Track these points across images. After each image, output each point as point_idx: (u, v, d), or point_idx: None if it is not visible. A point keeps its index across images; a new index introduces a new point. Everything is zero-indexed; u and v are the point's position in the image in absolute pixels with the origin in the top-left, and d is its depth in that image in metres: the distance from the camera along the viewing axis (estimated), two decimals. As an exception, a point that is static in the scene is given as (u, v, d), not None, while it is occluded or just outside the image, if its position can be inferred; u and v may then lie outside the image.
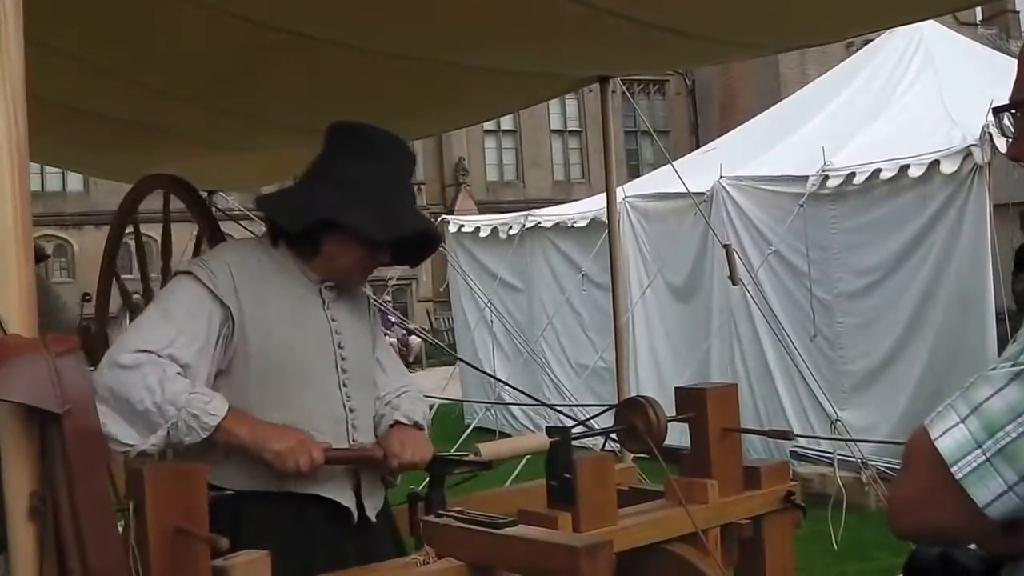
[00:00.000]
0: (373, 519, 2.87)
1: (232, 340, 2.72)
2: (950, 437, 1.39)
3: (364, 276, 2.97)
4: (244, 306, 2.73)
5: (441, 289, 21.11)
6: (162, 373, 2.57)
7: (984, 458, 1.36)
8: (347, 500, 2.81)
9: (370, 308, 3.12)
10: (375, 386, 3.00)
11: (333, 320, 2.88)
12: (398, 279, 26.63)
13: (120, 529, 2.06)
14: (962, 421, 1.39)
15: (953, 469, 1.38)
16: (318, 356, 2.83)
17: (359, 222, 2.77)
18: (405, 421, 2.91)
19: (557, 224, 11.45)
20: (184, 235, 5.49)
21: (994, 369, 1.41)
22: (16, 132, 1.71)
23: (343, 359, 2.86)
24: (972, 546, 1.65)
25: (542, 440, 2.66)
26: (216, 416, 2.57)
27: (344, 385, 2.85)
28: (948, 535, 1.51)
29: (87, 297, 5.17)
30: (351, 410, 2.85)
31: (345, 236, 2.80)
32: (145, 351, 2.59)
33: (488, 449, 2.84)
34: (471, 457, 2.85)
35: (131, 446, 2.53)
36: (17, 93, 1.71)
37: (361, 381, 2.91)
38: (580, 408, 8.10)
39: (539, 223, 11.73)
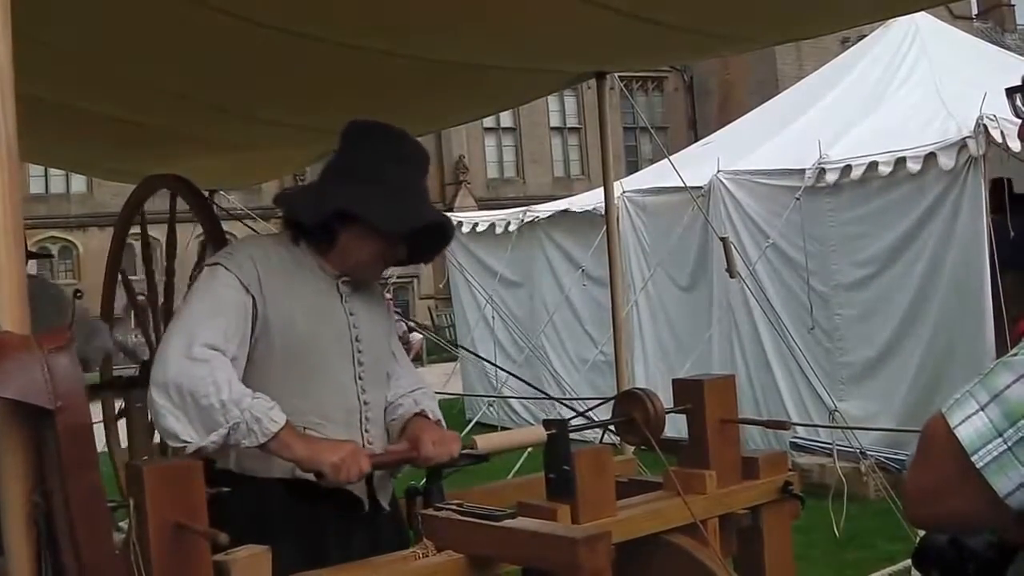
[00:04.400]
0: (387, 508, 2.93)
1: (255, 329, 2.77)
2: (970, 425, 1.37)
3: (380, 271, 3.03)
4: (267, 296, 2.77)
5: (441, 286, 21.10)
6: (230, 372, 2.61)
7: (1005, 447, 1.34)
8: (359, 491, 2.85)
9: (386, 304, 3.18)
10: (388, 379, 3.04)
11: (351, 314, 2.93)
12: (399, 277, 26.67)
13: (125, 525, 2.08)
14: (982, 409, 1.37)
15: (973, 458, 1.35)
16: (336, 348, 2.87)
17: (375, 214, 2.81)
18: (431, 416, 2.97)
19: (553, 215, 11.45)
20: (185, 235, 5.50)
21: (1015, 355, 1.39)
22: (5, 129, 1.71)
23: (359, 352, 2.91)
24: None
25: (539, 433, 2.67)
26: (277, 424, 2.58)
27: (360, 378, 2.90)
28: (966, 524, 1.51)
29: (79, 294, 5.21)
30: (365, 403, 2.90)
31: (361, 229, 2.85)
32: (213, 346, 2.62)
33: (485, 442, 2.84)
34: (468, 450, 2.86)
35: (188, 443, 2.53)
36: (6, 90, 1.71)
37: (376, 375, 2.97)
38: (580, 401, 8.11)
39: (537, 218, 11.74)
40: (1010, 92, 1.71)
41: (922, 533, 1.81)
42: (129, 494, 2.10)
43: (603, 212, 9.87)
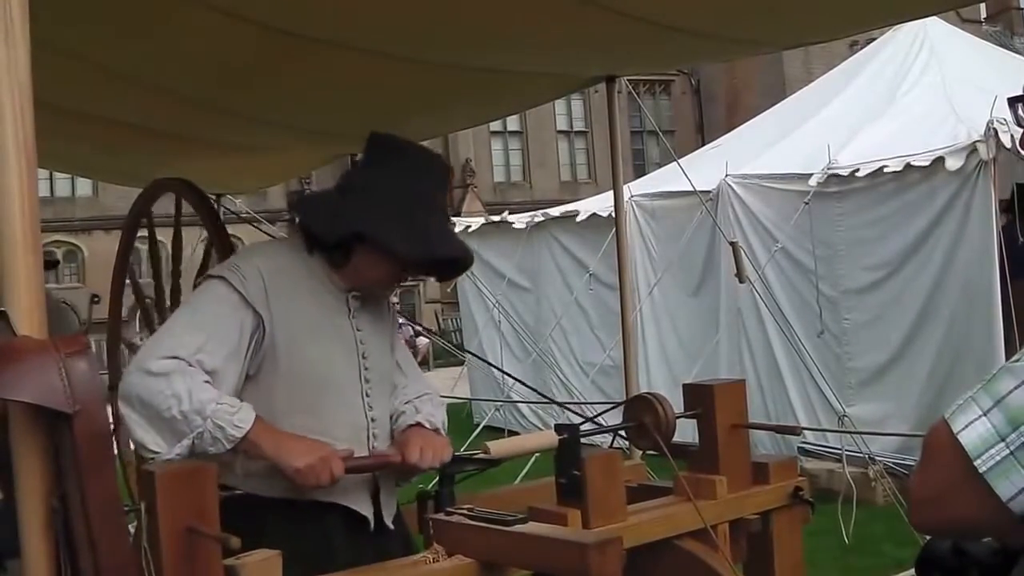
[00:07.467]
0: (391, 526, 2.89)
1: (262, 346, 2.73)
2: (973, 431, 1.36)
3: (392, 289, 3.02)
4: (275, 313, 2.73)
5: (448, 290, 21.08)
6: (190, 381, 2.56)
7: (1008, 452, 1.34)
8: (365, 509, 2.83)
9: (391, 312, 3.15)
10: (394, 390, 3.02)
11: (358, 330, 2.90)
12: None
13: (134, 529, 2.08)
14: (985, 414, 1.36)
15: (976, 463, 1.35)
16: (344, 366, 2.85)
17: (392, 241, 2.77)
18: (427, 425, 2.92)
19: (561, 220, 11.43)
20: (191, 239, 5.51)
21: (1017, 361, 1.39)
22: (23, 133, 1.72)
23: (367, 369, 2.88)
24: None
25: (551, 438, 2.67)
26: (242, 428, 2.56)
27: (367, 395, 2.87)
28: (969, 529, 1.49)
29: (96, 299, 5.20)
30: (372, 420, 2.87)
31: (376, 251, 2.81)
32: (175, 357, 2.57)
33: (497, 447, 2.84)
34: (480, 455, 2.86)
35: (157, 453, 2.52)
36: (24, 94, 1.72)
37: (382, 390, 2.94)
38: (589, 405, 8.10)
39: (544, 220, 11.73)
40: (1012, 101, 1.71)
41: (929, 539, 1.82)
42: (142, 497, 2.10)
43: (605, 216, 9.95)
